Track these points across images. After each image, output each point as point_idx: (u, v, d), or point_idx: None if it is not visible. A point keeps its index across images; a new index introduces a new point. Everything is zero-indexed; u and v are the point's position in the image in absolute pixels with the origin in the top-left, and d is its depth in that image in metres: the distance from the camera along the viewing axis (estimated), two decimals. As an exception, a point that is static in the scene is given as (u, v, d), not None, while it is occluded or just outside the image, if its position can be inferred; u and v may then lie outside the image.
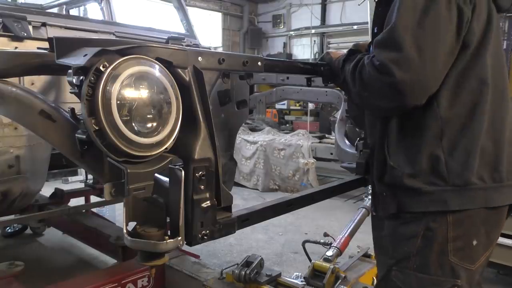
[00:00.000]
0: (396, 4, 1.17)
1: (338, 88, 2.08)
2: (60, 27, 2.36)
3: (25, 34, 2.04)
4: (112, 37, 2.60)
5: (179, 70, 1.05)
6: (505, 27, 6.24)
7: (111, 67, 0.90)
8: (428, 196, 1.21)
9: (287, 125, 10.85)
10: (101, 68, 0.90)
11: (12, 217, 2.78)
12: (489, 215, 1.24)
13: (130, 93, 0.93)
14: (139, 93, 0.94)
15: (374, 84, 1.18)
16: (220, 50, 10.49)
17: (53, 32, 2.27)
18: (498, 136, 1.26)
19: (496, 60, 1.27)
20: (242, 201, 5.50)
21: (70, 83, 0.94)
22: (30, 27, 2.15)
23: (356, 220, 2.68)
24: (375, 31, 1.35)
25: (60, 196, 3.37)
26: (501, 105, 1.27)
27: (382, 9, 1.28)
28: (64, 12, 4.01)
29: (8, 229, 4.11)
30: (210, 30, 12.61)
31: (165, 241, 0.98)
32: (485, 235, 1.25)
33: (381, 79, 1.15)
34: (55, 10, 3.89)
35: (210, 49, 3.76)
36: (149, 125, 0.96)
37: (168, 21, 4.62)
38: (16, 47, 1.98)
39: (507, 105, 1.29)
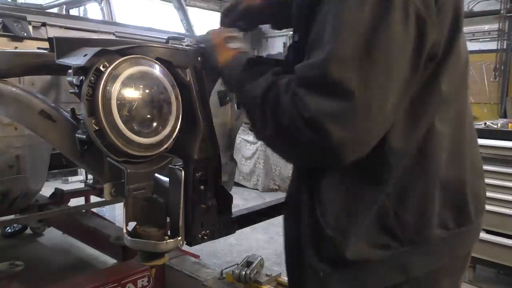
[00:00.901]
0: (329, 12, 0.78)
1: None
2: (60, 27, 2.35)
3: (25, 34, 2.03)
4: (112, 37, 2.59)
5: (179, 70, 1.05)
6: (506, 27, 6.25)
7: (111, 67, 0.90)
8: (381, 266, 0.90)
9: (287, 125, 10.84)
10: (101, 68, 0.90)
11: (12, 217, 2.78)
12: (455, 262, 1.00)
13: (130, 93, 0.93)
14: (139, 93, 0.94)
15: (298, 139, 0.80)
16: (220, 50, 10.50)
17: (53, 32, 2.26)
18: (460, 165, 0.96)
19: (458, 71, 0.94)
20: (242, 201, 5.50)
21: (70, 83, 0.94)
22: (30, 27, 2.14)
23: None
24: (296, 39, 0.96)
25: (60, 196, 3.37)
26: (461, 126, 0.97)
27: (306, 6, 0.88)
28: (64, 12, 4.01)
29: (8, 229, 4.11)
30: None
31: (165, 241, 0.98)
32: (451, 285, 1.01)
33: (310, 137, 0.77)
34: (55, 10, 3.89)
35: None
36: (149, 125, 0.96)
37: (168, 21, 4.62)
38: (16, 47, 1.98)
39: (467, 125, 0.99)
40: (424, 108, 0.88)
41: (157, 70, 0.98)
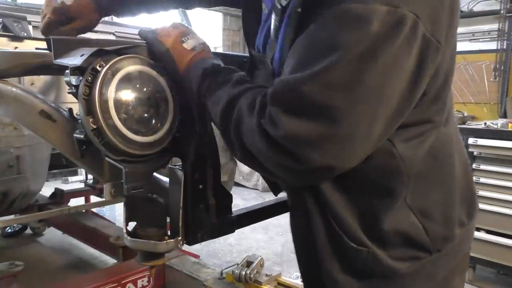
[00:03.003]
0: (324, 26, 0.68)
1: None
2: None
3: (25, 34, 2.04)
4: (112, 37, 2.60)
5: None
6: (505, 27, 6.25)
7: (108, 66, 0.90)
8: (409, 277, 0.86)
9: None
10: (97, 67, 0.90)
11: (12, 217, 2.79)
12: (465, 258, 0.99)
13: (127, 92, 0.93)
14: (136, 92, 0.94)
15: (269, 164, 0.74)
16: (220, 50, 10.51)
17: (53, 32, 2.26)
18: (462, 160, 0.96)
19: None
20: (242, 201, 5.50)
21: (68, 83, 0.93)
22: (30, 27, 2.15)
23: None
24: (282, 45, 0.82)
25: (60, 196, 3.38)
26: (454, 123, 0.96)
27: (304, 12, 0.75)
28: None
29: (8, 229, 4.11)
30: (210, 30, 12.62)
31: (165, 241, 0.98)
32: (460, 282, 1.00)
33: (282, 163, 0.70)
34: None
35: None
36: (146, 123, 0.96)
37: (168, 21, 4.62)
38: (16, 47, 1.98)
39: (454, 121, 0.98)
40: (430, 117, 0.83)
41: (153, 69, 0.98)
